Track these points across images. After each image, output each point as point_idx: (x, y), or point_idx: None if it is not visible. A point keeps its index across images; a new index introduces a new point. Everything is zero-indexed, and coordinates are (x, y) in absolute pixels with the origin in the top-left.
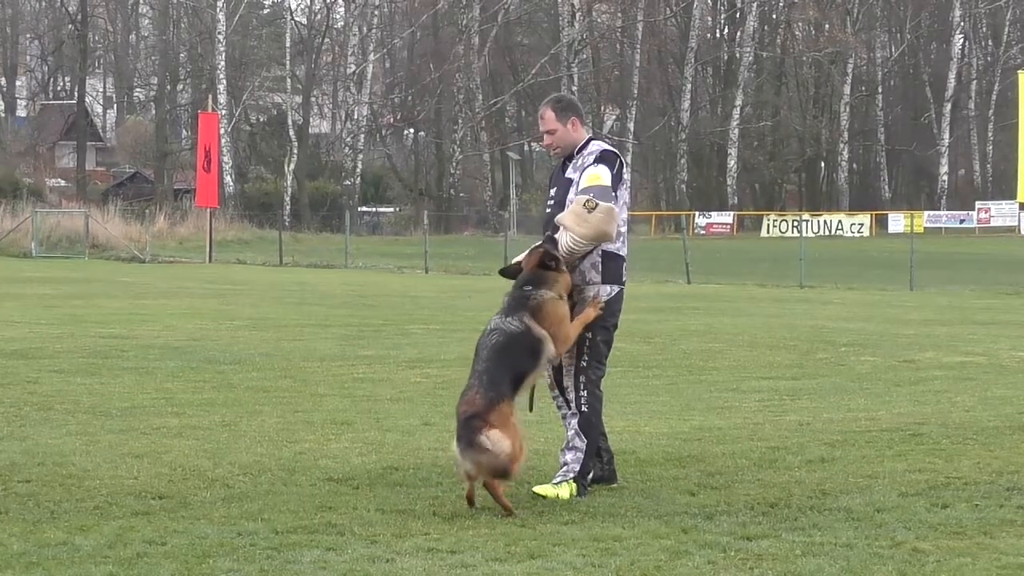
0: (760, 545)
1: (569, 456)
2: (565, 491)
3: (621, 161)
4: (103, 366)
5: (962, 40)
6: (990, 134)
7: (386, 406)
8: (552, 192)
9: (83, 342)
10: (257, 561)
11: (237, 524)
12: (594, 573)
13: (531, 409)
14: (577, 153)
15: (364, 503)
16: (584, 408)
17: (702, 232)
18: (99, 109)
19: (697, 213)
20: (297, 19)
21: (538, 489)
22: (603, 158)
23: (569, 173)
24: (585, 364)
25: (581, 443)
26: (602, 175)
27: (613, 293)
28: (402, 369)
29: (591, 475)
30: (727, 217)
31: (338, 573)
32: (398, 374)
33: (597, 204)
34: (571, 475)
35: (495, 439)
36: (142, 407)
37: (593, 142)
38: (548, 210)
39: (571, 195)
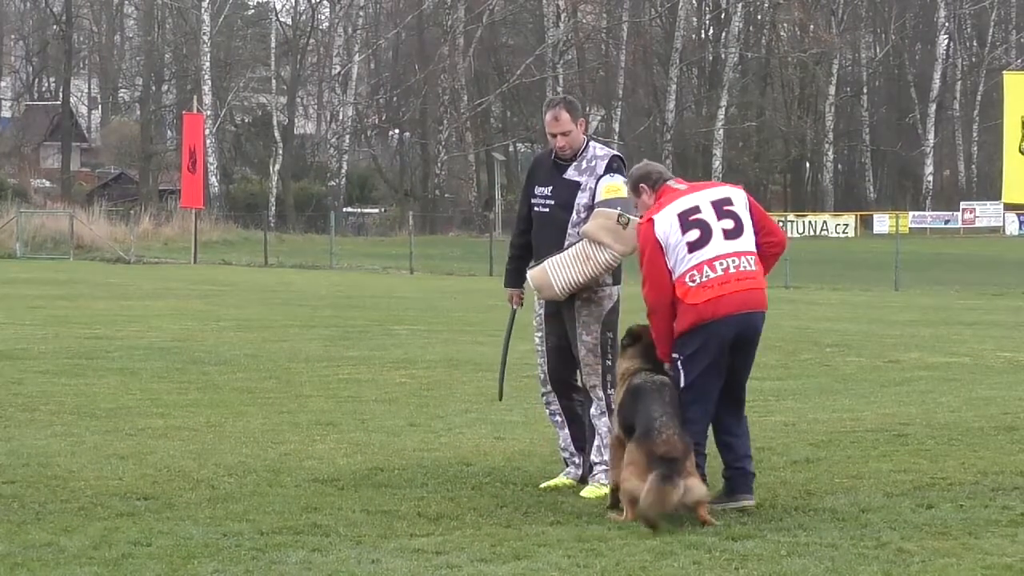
0: (745, 545)
1: (608, 455)
2: (608, 490)
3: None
4: (88, 367)
5: (947, 41)
6: (975, 135)
7: (371, 407)
8: (547, 191)
9: (68, 343)
10: (242, 562)
11: (222, 525)
12: (579, 574)
13: (500, 398)
14: (579, 155)
15: (349, 504)
16: (614, 406)
17: None
18: (84, 110)
19: None
20: (282, 20)
21: (585, 493)
22: (617, 168)
23: (571, 175)
24: (610, 363)
25: None
26: (622, 187)
27: (618, 294)
28: (387, 370)
29: (580, 473)
30: None
31: (323, 574)
32: (383, 375)
33: (630, 219)
34: None
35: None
36: (127, 408)
37: (593, 144)
38: (544, 209)
39: (581, 199)
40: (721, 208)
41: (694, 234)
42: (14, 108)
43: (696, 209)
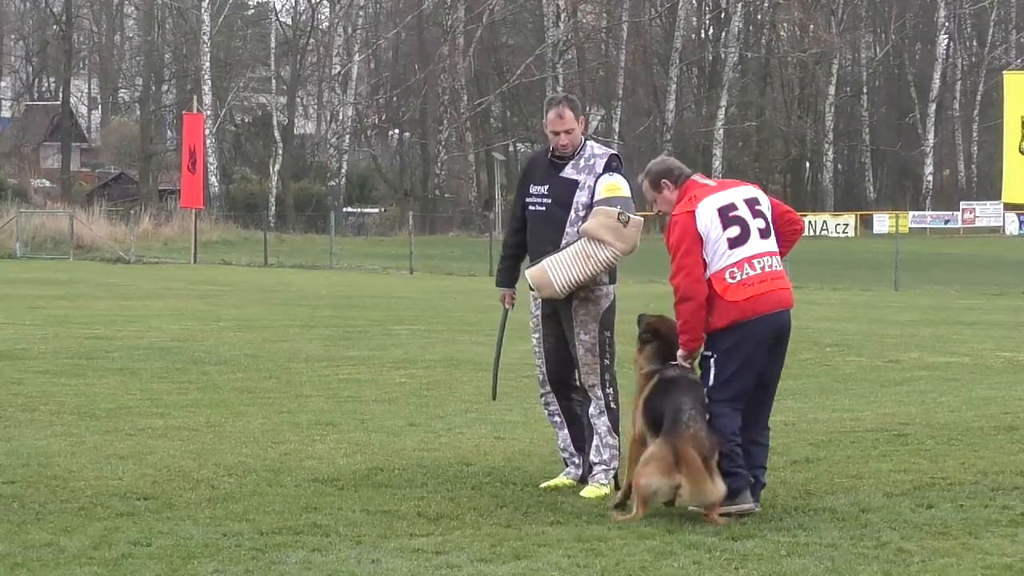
0: (745, 545)
1: (607, 455)
2: (609, 489)
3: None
4: (88, 367)
5: (947, 41)
6: (975, 134)
7: (371, 407)
8: (543, 189)
9: (68, 343)
10: (242, 562)
11: (222, 525)
12: (579, 573)
13: (494, 398)
14: (577, 154)
15: (349, 504)
16: (613, 405)
17: None
18: (84, 110)
19: None
20: (282, 20)
21: (585, 493)
22: (616, 167)
23: (569, 173)
24: (608, 362)
25: (614, 440)
26: (621, 185)
27: (614, 293)
28: (387, 370)
29: (580, 473)
30: None
31: (323, 574)
32: (383, 375)
33: (630, 218)
34: (613, 472)
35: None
36: (127, 408)
37: (590, 143)
38: (541, 208)
39: (579, 198)
40: (753, 207)
41: (734, 231)
42: (14, 108)
43: (733, 206)
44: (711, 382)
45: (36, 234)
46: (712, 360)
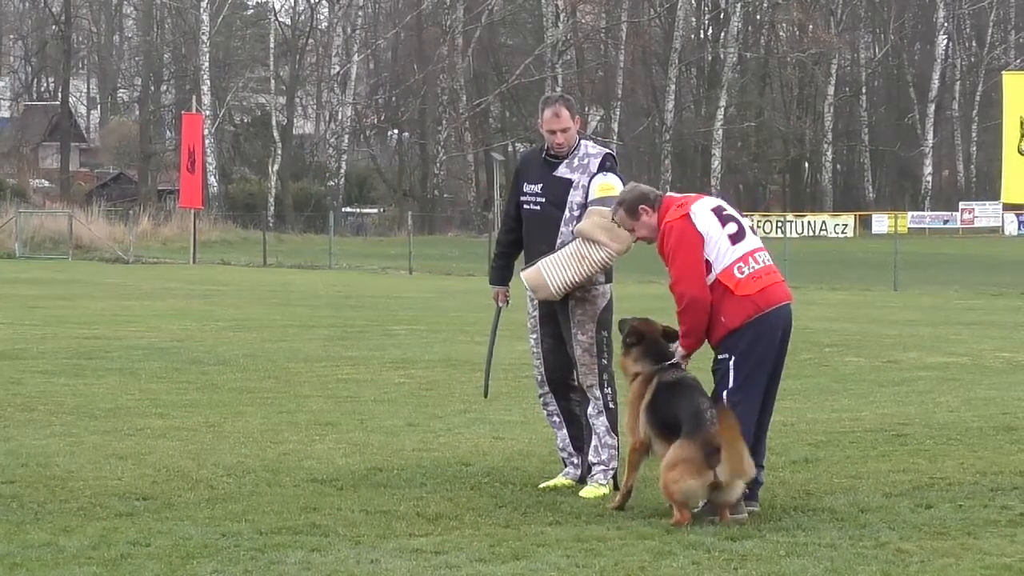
0: (744, 545)
1: (605, 455)
2: (608, 489)
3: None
4: (87, 367)
5: (946, 41)
6: (974, 135)
7: (370, 407)
8: (537, 188)
9: (67, 343)
10: (241, 562)
11: (221, 525)
12: (578, 574)
13: (486, 395)
14: (571, 153)
15: (348, 504)
16: (611, 405)
17: None
18: (83, 110)
19: None
20: (281, 20)
21: (584, 493)
22: (611, 166)
23: (563, 172)
24: (606, 362)
25: (613, 440)
26: (616, 185)
27: (611, 292)
28: (386, 370)
29: (579, 474)
30: None
31: (322, 574)
32: (382, 375)
33: None
34: (611, 473)
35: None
36: (126, 408)
37: (584, 142)
38: (535, 207)
39: (574, 197)
40: (735, 208)
41: (732, 227)
42: (13, 108)
43: (722, 207)
44: (731, 384)
45: (35, 234)
46: (731, 362)
